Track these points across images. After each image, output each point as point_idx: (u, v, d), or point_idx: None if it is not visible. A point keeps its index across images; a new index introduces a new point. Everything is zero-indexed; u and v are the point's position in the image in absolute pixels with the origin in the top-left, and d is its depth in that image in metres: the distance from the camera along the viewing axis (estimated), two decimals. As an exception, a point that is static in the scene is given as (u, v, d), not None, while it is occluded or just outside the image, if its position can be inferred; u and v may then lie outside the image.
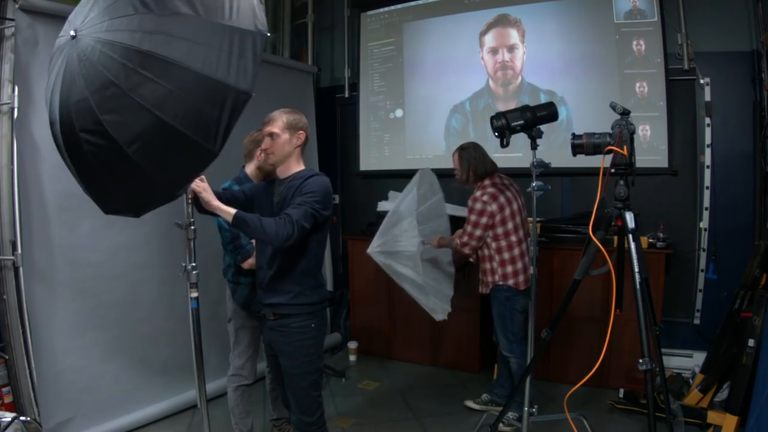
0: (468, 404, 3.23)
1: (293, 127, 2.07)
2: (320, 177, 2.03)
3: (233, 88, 1.50)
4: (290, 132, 2.06)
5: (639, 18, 3.54)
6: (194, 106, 1.49)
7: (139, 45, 1.44)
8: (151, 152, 1.51)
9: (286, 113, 2.09)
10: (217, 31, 1.52)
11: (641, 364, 1.91)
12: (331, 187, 2.05)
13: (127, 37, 1.44)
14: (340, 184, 4.83)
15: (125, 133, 1.47)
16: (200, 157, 1.56)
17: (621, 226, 2.07)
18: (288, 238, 1.86)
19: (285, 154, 2.07)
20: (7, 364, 2.66)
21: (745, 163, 3.33)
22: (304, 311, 2.00)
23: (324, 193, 1.98)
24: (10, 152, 2.58)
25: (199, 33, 1.50)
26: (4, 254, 2.60)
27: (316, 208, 1.92)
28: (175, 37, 1.48)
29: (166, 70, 1.45)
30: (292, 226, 1.86)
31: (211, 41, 1.50)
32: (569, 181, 3.80)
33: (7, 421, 2.16)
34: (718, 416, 2.70)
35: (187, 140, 1.50)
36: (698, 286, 3.50)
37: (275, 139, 2.05)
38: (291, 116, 2.08)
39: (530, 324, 2.51)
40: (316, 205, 1.93)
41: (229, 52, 1.52)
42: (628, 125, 2.03)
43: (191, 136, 1.50)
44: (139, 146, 1.49)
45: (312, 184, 1.97)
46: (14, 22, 2.52)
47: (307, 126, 2.13)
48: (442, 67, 4.21)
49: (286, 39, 4.64)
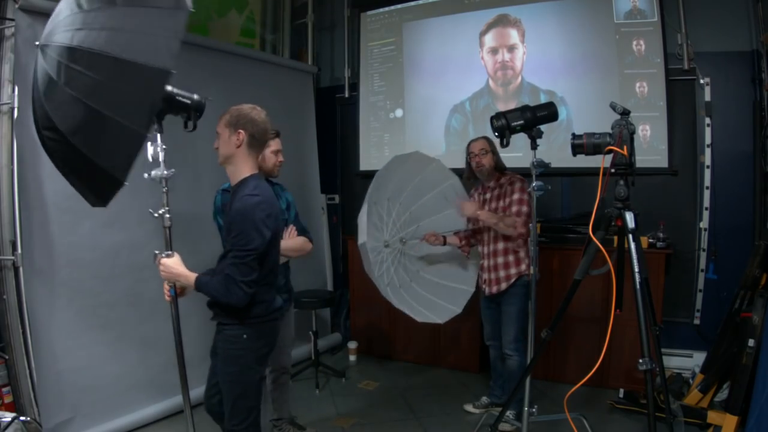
0: (467, 408, 3.22)
1: (233, 124, 1.94)
2: (244, 202, 1.84)
3: (153, 68, 1.56)
4: (230, 130, 1.94)
5: (639, 18, 3.54)
6: (119, 91, 1.59)
7: (69, 42, 1.60)
8: (91, 140, 1.64)
9: (233, 109, 1.99)
10: (137, 16, 1.62)
11: (641, 364, 1.90)
12: (262, 204, 1.85)
13: (62, 37, 1.61)
14: (340, 184, 4.83)
15: (68, 125, 1.62)
16: (133, 138, 1.63)
17: (621, 226, 2.07)
18: (243, 300, 1.83)
19: (227, 154, 1.96)
20: (7, 364, 2.66)
21: (745, 163, 3.33)
22: (236, 321, 1.93)
23: (248, 226, 1.82)
24: (10, 152, 2.58)
25: (120, 21, 1.61)
26: (4, 254, 2.60)
27: (250, 254, 1.82)
28: (98, 29, 1.61)
29: (91, 61, 1.58)
30: (239, 289, 1.82)
31: (131, 27, 1.61)
32: (569, 181, 3.80)
33: (7, 421, 2.16)
34: (718, 416, 2.70)
35: (118, 124, 1.60)
36: (698, 286, 3.50)
37: (217, 138, 1.99)
38: (235, 113, 1.97)
39: (530, 324, 2.51)
40: (249, 253, 1.81)
41: (148, 33, 1.60)
42: (628, 125, 2.03)
43: (121, 121, 1.59)
44: (81, 136, 1.63)
45: (236, 220, 1.84)
46: (14, 22, 2.52)
47: (253, 123, 1.94)
48: (442, 67, 4.21)
49: (286, 39, 4.64)
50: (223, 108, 3.74)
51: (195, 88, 3.52)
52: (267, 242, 1.86)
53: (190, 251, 2.31)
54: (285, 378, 2.84)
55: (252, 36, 4.39)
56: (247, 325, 1.93)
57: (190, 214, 3.25)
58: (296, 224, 2.72)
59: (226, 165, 1.99)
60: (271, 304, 2.01)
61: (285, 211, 2.72)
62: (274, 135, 2.61)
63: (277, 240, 2.00)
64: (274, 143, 2.60)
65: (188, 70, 3.40)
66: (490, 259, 2.94)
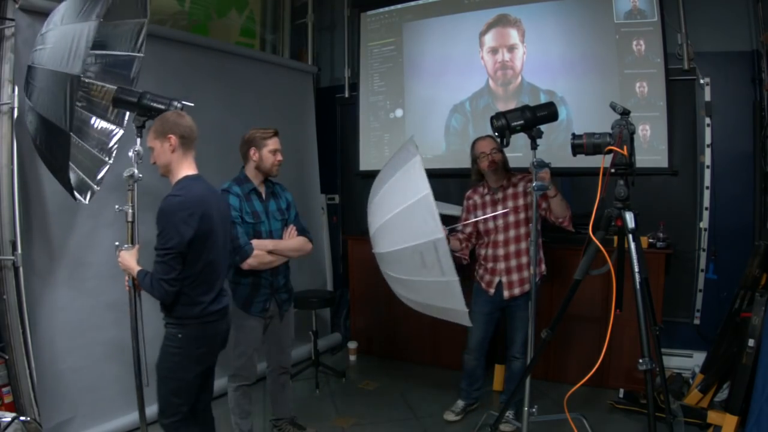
0: (448, 418, 3.10)
1: (161, 133, 2.00)
2: (167, 202, 1.93)
3: (70, 75, 1.88)
4: (160, 139, 2.00)
5: (639, 18, 3.54)
6: (52, 98, 1.92)
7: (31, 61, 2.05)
8: (45, 142, 2.01)
9: (156, 120, 2.05)
10: (69, 32, 1.94)
11: (641, 364, 1.90)
12: (184, 203, 1.91)
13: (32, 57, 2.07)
14: (340, 184, 4.83)
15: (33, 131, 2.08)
16: (64, 137, 1.92)
17: (621, 226, 2.07)
18: (165, 297, 1.94)
19: (164, 163, 2.03)
20: (7, 364, 2.66)
21: (745, 163, 3.33)
22: (173, 320, 2.01)
23: (168, 226, 1.89)
24: (10, 152, 2.58)
25: (58, 38, 1.97)
26: (4, 254, 2.60)
27: (169, 253, 1.89)
28: (45, 47, 2.01)
29: (36, 74, 2.00)
30: (159, 286, 1.91)
31: (64, 41, 1.94)
32: (569, 181, 3.80)
33: (7, 421, 2.16)
34: (718, 416, 2.70)
35: (54, 126, 1.93)
36: (698, 286, 3.50)
37: (151, 153, 2.05)
38: (159, 122, 2.03)
39: (530, 324, 2.51)
40: (168, 251, 1.89)
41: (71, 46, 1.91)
42: (628, 125, 2.02)
43: (55, 123, 1.91)
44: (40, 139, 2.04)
45: (158, 219, 1.91)
46: (14, 22, 2.51)
47: (178, 126, 2.00)
48: (442, 67, 4.21)
49: (286, 39, 4.65)
50: (223, 108, 3.74)
51: (195, 88, 3.56)
52: (187, 242, 1.90)
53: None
54: (285, 378, 2.85)
55: (252, 36, 4.39)
56: (183, 326, 1.99)
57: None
58: (296, 224, 2.73)
59: (167, 175, 2.06)
60: (208, 306, 2.02)
61: (285, 210, 2.73)
62: (271, 134, 2.61)
63: (210, 240, 1.99)
64: (272, 142, 2.60)
65: (188, 70, 3.41)
66: (512, 260, 2.84)
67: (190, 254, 1.94)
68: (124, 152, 2.20)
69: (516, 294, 2.85)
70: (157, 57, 3.20)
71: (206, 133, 3.57)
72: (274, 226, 2.64)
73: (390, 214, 2.19)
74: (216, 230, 2.03)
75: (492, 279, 2.91)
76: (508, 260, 2.85)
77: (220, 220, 2.08)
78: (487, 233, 2.93)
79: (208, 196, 2.03)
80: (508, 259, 2.85)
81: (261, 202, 2.63)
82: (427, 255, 2.07)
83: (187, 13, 3.79)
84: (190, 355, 2.01)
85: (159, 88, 3.19)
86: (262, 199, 2.64)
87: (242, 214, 2.53)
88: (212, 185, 2.17)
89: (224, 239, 2.14)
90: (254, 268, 2.51)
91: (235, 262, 2.50)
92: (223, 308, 2.13)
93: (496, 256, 2.89)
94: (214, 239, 2.02)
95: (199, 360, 2.04)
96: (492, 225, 2.89)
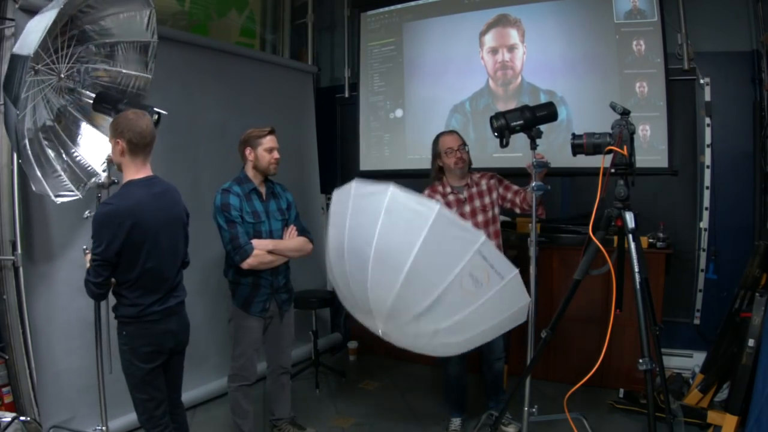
0: None
1: (113, 134, 2.01)
2: (99, 209, 1.99)
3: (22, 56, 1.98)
4: (113, 140, 2.03)
5: (639, 18, 3.54)
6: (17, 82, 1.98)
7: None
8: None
9: (114, 119, 2.06)
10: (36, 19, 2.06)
11: (641, 364, 1.91)
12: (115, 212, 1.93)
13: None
14: (341, 184, 4.80)
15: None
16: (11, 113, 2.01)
17: (621, 226, 2.07)
18: (94, 297, 2.07)
19: (117, 162, 2.06)
20: (7, 364, 2.65)
21: (745, 163, 3.33)
22: (118, 319, 2.07)
23: (96, 233, 1.94)
24: (10, 152, 2.58)
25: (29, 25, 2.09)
26: (4, 254, 2.60)
27: (96, 259, 1.94)
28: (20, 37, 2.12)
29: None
30: (88, 288, 2.00)
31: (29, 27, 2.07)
32: (569, 181, 3.80)
33: (7, 421, 2.16)
34: (718, 416, 2.70)
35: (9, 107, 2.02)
36: (698, 286, 3.50)
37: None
38: (114, 122, 2.04)
39: (530, 324, 2.51)
40: (96, 257, 1.94)
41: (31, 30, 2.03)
42: (628, 125, 2.03)
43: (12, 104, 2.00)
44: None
45: (92, 225, 1.96)
46: (14, 22, 2.51)
47: (129, 130, 1.97)
48: (442, 67, 4.21)
49: (286, 39, 4.64)
50: (223, 108, 3.74)
51: (195, 88, 3.55)
52: (115, 252, 1.93)
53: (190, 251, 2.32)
54: (285, 378, 2.85)
55: (252, 36, 4.39)
56: (126, 324, 2.05)
57: (190, 213, 3.26)
58: (296, 224, 2.73)
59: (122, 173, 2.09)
60: (148, 307, 2.03)
61: (285, 210, 2.73)
62: (266, 132, 2.59)
63: (144, 249, 1.99)
64: (267, 140, 2.58)
65: (188, 70, 3.41)
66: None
67: (122, 263, 1.97)
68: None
69: None
70: (158, 57, 3.20)
71: (206, 133, 3.61)
72: (275, 226, 2.64)
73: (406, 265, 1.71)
74: (156, 238, 2.01)
75: None
76: None
77: (164, 226, 2.06)
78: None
79: (147, 204, 2.00)
80: None
81: (261, 202, 2.63)
82: (476, 271, 1.72)
83: (187, 13, 3.79)
84: (137, 352, 2.04)
85: (159, 88, 3.19)
86: (263, 199, 2.64)
87: (242, 213, 2.53)
88: (169, 186, 2.15)
89: (171, 244, 2.10)
90: (254, 267, 2.51)
91: (235, 261, 2.50)
92: (170, 307, 2.11)
93: None
94: (151, 248, 2.00)
95: (148, 358, 2.05)
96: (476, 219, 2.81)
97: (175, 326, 2.14)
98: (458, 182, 2.82)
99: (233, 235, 2.47)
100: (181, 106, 3.33)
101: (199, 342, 3.39)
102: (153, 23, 2.40)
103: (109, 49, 2.41)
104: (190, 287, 3.26)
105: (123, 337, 2.06)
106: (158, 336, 2.07)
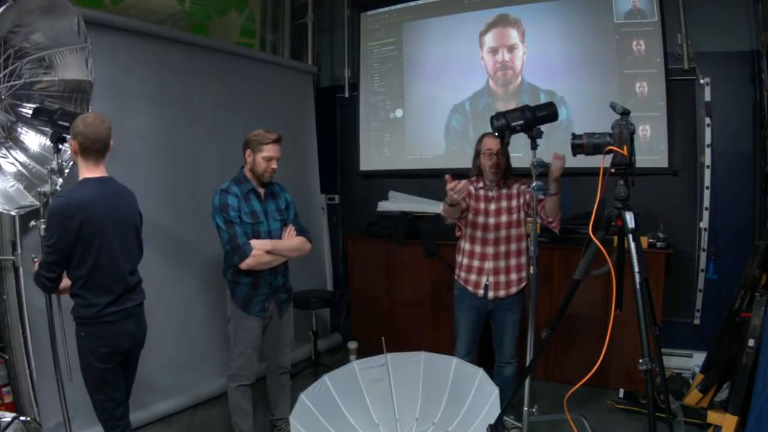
0: None
1: (71, 135, 2.05)
2: (53, 201, 2.04)
3: None
4: (70, 138, 2.06)
5: (639, 18, 3.54)
6: None
7: None
8: None
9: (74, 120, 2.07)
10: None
11: (641, 364, 1.90)
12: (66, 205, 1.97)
13: None
14: (340, 184, 4.83)
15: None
16: None
17: (621, 226, 2.06)
18: (44, 290, 2.11)
19: (75, 162, 2.10)
20: (7, 364, 2.66)
21: (745, 163, 3.33)
22: (76, 320, 2.08)
23: (48, 224, 1.99)
24: (9, 152, 2.58)
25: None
26: (4, 254, 2.60)
27: (48, 252, 1.98)
28: None
29: None
30: (39, 281, 2.03)
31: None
32: (569, 181, 3.78)
33: (7, 421, 2.17)
34: (718, 416, 2.70)
35: None
36: (698, 286, 3.50)
37: None
38: (72, 124, 2.06)
39: (530, 324, 2.51)
40: (47, 249, 1.98)
41: None
42: (628, 125, 2.02)
43: None
44: None
45: (46, 217, 2.02)
46: (14, 22, 2.52)
47: (83, 133, 2.01)
48: (442, 67, 4.21)
49: (286, 39, 4.64)
50: (223, 108, 3.73)
51: (195, 88, 3.55)
52: (67, 244, 1.96)
53: (190, 251, 2.33)
54: (285, 378, 2.85)
55: (252, 36, 4.39)
56: (83, 325, 2.06)
57: (189, 214, 3.26)
58: (295, 224, 2.72)
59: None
60: (105, 308, 2.04)
61: (284, 210, 2.72)
62: (271, 140, 2.55)
63: (95, 244, 2.00)
64: (269, 149, 2.54)
65: (188, 70, 3.41)
66: (500, 261, 2.78)
67: (73, 257, 1.99)
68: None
69: (501, 296, 2.78)
70: (157, 57, 3.21)
71: (206, 133, 3.61)
72: (273, 226, 2.63)
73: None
74: (106, 235, 2.03)
75: (479, 279, 2.81)
76: (497, 260, 2.79)
77: (115, 225, 2.08)
78: (473, 225, 2.81)
79: (98, 202, 2.02)
80: (497, 259, 2.79)
81: (260, 202, 2.62)
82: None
83: (187, 13, 3.79)
84: (94, 353, 2.05)
85: (159, 88, 3.21)
86: (261, 199, 2.63)
87: (241, 214, 2.52)
88: (124, 189, 2.17)
89: (123, 243, 2.11)
90: (253, 268, 2.50)
91: (234, 262, 2.50)
92: (128, 309, 2.12)
93: (484, 254, 2.80)
94: (102, 244, 2.02)
95: (105, 359, 2.07)
96: (482, 220, 2.81)
97: (132, 328, 2.15)
98: (492, 182, 2.84)
99: (231, 236, 2.47)
100: (181, 106, 3.33)
101: (199, 342, 3.40)
102: (83, 28, 2.40)
103: (47, 60, 2.43)
104: (190, 287, 3.28)
105: (81, 338, 2.06)
106: (116, 337, 2.08)
